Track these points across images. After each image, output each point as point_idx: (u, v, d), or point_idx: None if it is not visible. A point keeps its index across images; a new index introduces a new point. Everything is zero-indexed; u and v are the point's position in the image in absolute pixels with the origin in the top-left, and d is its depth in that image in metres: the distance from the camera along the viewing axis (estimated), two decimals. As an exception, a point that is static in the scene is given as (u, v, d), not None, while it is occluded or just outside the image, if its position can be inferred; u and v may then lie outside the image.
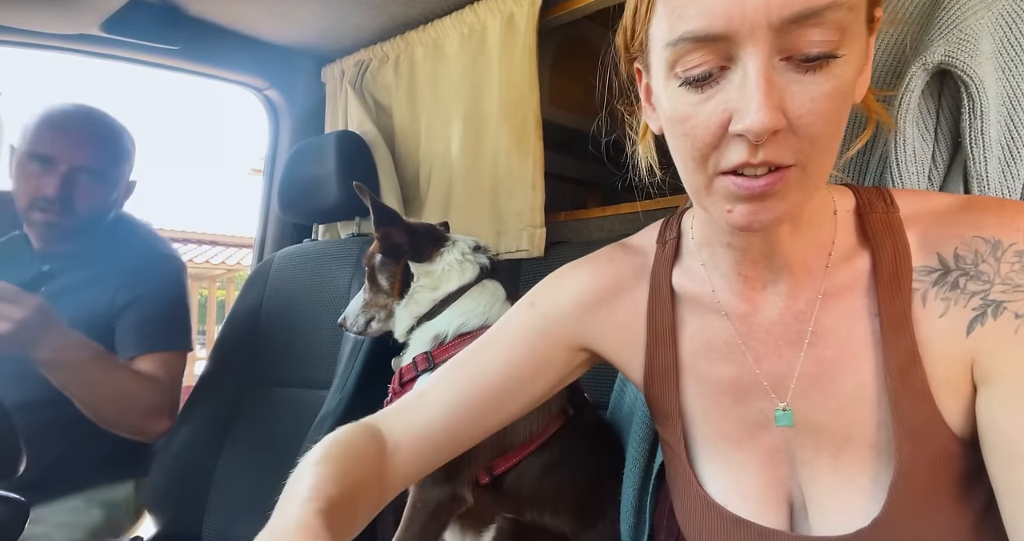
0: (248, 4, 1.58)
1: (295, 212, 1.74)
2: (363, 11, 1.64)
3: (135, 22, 1.50)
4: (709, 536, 0.60)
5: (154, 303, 1.32)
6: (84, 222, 1.30)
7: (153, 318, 1.30)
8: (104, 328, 1.29)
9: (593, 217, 1.57)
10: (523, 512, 0.97)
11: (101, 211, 1.34)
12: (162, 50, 1.60)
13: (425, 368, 1.03)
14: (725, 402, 0.61)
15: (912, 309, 0.53)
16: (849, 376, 0.55)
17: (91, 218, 1.31)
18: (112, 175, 1.32)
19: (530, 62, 1.50)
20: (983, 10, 0.71)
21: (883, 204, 0.57)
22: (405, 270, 1.09)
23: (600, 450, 1.00)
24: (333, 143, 1.63)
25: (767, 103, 0.43)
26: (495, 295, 1.08)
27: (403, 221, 1.09)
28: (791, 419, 0.57)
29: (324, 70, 1.98)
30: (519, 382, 0.67)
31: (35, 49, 1.49)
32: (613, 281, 0.68)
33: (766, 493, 0.58)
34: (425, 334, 1.06)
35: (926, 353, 0.52)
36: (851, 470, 0.54)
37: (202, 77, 1.78)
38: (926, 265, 0.53)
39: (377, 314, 1.14)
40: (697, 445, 0.63)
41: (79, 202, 1.26)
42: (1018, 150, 0.71)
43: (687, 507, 0.63)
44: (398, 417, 0.66)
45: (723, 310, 0.61)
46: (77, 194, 1.26)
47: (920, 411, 0.51)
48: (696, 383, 0.63)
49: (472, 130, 1.62)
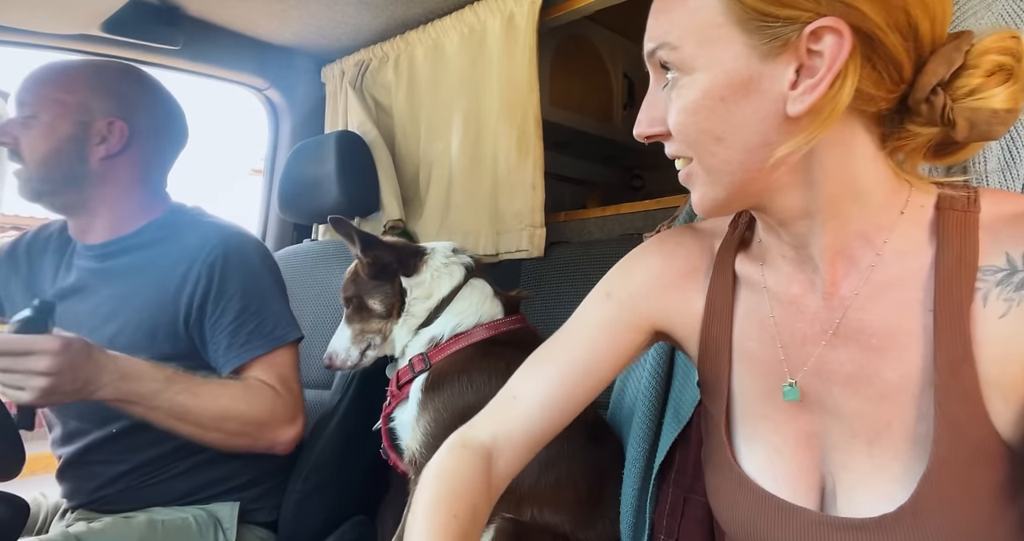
0: (248, 4, 1.58)
1: (295, 212, 1.75)
2: (363, 11, 1.64)
3: (135, 22, 1.50)
4: (738, 509, 0.62)
5: (237, 301, 1.10)
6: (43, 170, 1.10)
7: (242, 320, 1.10)
8: (176, 337, 1.10)
9: (593, 217, 1.58)
10: (523, 510, 0.97)
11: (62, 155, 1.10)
12: (162, 50, 1.59)
13: (422, 369, 1.04)
14: (767, 384, 0.63)
15: (972, 308, 0.53)
16: (894, 366, 0.55)
17: (49, 164, 1.10)
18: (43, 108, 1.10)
19: (530, 62, 1.50)
20: (983, 10, 0.72)
21: (964, 203, 0.57)
22: (400, 288, 1.09)
23: (599, 444, 1.00)
24: (333, 143, 1.63)
25: (641, 117, 0.59)
26: (484, 292, 1.10)
27: (384, 241, 1.10)
28: (797, 394, 0.59)
29: (324, 70, 1.98)
30: (602, 370, 0.72)
31: (35, 49, 1.49)
32: (682, 262, 0.72)
33: (798, 476, 0.60)
34: (421, 339, 1.07)
35: (980, 352, 0.52)
36: (886, 458, 0.55)
37: (202, 77, 1.78)
38: (992, 265, 0.54)
39: (372, 340, 1.13)
40: (736, 422, 0.66)
41: (23, 146, 1.10)
42: (1018, 150, 0.71)
43: (718, 479, 0.66)
44: (496, 423, 0.70)
45: (770, 294, 0.64)
46: (20, 136, 1.09)
47: (966, 409, 0.51)
48: (743, 363, 0.66)
49: (472, 130, 1.62)
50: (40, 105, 1.10)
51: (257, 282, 1.13)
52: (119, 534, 1.03)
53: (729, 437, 0.65)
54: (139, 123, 1.15)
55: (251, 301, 1.11)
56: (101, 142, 1.12)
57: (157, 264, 1.12)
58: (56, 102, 1.10)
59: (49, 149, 1.09)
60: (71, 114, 1.10)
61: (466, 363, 1.02)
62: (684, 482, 0.93)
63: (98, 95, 1.13)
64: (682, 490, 0.92)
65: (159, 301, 1.10)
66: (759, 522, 0.60)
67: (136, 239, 1.16)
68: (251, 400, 1.05)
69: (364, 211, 1.72)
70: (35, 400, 0.88)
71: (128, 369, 0.97)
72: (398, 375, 1.08)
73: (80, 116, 1.11)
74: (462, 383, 1.00)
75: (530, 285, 1.43)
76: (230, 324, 1.09)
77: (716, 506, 0.67)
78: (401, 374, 1.07)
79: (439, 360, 1.03)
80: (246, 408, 1.04)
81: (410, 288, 1.09)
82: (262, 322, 1.11)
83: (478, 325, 1.05)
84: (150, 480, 1.13)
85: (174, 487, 1.13)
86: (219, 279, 1.10)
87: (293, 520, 1.23)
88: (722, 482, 0.65)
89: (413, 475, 1.00)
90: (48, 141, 1.09)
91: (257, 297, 1.12)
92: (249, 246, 1.17)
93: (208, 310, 1.09)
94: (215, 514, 1.14)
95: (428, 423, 0.98)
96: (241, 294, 1.10)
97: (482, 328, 1.05)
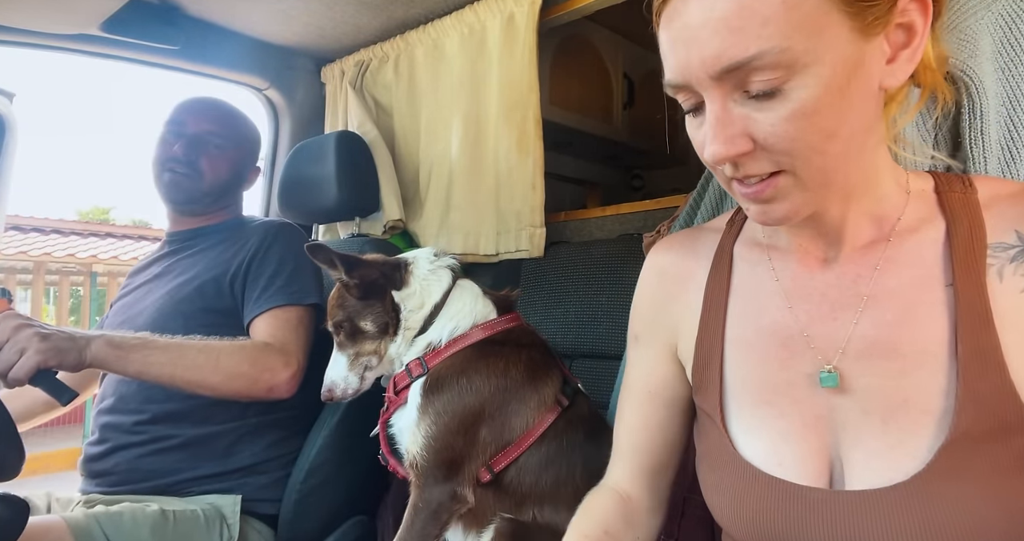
0: (248, 4, 1.58)
1: (295, 212, 1.75)
2: (363, 11, 1.64)
3: (135, 22, 1.50)
4: (745, 502, 0.61)
5: (275, 263, 1.30)
6: (208, 186, 1.38)
7: (274, 276, 1.28)
8: (221, 293, 1.28)
9: (593, 217, 1.58)
10: (523, 509, 0.97)
11: (225, 183, 1.41)
12: (162, 50, 1.60)
13: (420, 373, 1.03)
14: (770, 368, 0.63)
15: (988, 282, 0.55)
16: (913, 341, 0.56)
17: (214, 185, 1.38)
18: (233, 149, 1.42)
19: (530, 62, 1.50)
20: (983, 10, 0.72)
21: (961, 185, 0.60)
22: (392, 304, 1.07)
23: (598, 443, 1.00)
24: (333, 143, 1.63)
25: (717, 138, 0.53)
26: (473, 292, 1.09)
27: (364, 259, 1.07)
28: (836, 380, 0.59)
29: (324, 70, 1.98)
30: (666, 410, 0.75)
31: (36, 49, 1.49)
32: (676, 270, 0.74)
33: (806, 459, 0.59)
34: (417, 346, 1.06)
35: (1002, 325, 0.53)
36: (902, 434, 0.55)
37: (202, 77, 1.78)
38: (1002, 241, 0.56)
39: (369, 362, 1.09)
40: (733, 413, 0.65)
41: (203, 164, 1.37)
42: (1018, 150, 0.71)
43: (720, 475, 0.65)
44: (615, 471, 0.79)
45: (777, 276, 0.65)
46: (202, 156, 1.37)
47: (991, 380, 0.52)
48: (740, 350, 0.66)
49: (472, 130, 1.62)
50: (231, 140, 1.42)
51: (295, 253, 1.30)
52: (134, 519, 1.08)
53: (726, 428, 0.65)
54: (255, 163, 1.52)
55: (286, 264, 1.30)
56: (248, 182, 1.50)
57: (222, 240, 1.37)
58: (244, 149, 1.45)
59: (227, 177, 1.41)
60: (247, 161, 1.47)
61: (464, 365, 1.01)
62: (683, 482, 0.93)
63: (257, 150, 1.52)
64: (681, 490, 0.92)
65: (216, 262, 1.32)
66: (769, 511, 0.59)
67: (215, 228, 1.42)
68: (240, 346, 1.17)
69: (364, 211, 1.72)
70: (27, 371, 0.98)
71: (111, 334, 1.10)
72: (395, 380, 1.07)
73: (250, 163, 1.48)
74: (461, 385, 0.99)
75: (530, 285, 1.44)
76: (265, 278, 1.28)
77: (719, 504, 0.65)
78: (398, 379, 1.06)
79: (437, 363, 1.03)
80: (233, 352, 1.15)
81: (402, 301, 1.07)
82: (289, 282, 1.28)
83: (474, 326, 1.05)
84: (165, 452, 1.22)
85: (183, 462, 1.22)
86: (266, 246, 1.32)
87: (293, 520, 1.23)
88: (725, 477, 0.64)
89: (414, 478, 0.99)
90: (229, 171, 1.42)
91: (291, 262, 1.31)
92: (295, 230, 1.41)
93: (252, 268, 1.29)
94: (219, 508, 1.19)
95: (429, 426, 0.98)
96: (279, 258, 1.31)
97: (478, 329, 1.04)
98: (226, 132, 1.42)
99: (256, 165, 1.51)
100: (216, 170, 1.39)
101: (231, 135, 1.43)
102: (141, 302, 1.34)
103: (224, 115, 1.44)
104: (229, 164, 1.41)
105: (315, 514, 1.25)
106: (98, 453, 1.23)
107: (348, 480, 1.31)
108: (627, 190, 2.59)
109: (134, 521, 1.07)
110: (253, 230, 1.37)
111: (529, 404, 0.99)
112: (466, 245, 1.62)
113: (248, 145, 1.48)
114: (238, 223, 1.44)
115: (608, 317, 1.27)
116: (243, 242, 1.34)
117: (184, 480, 1.20)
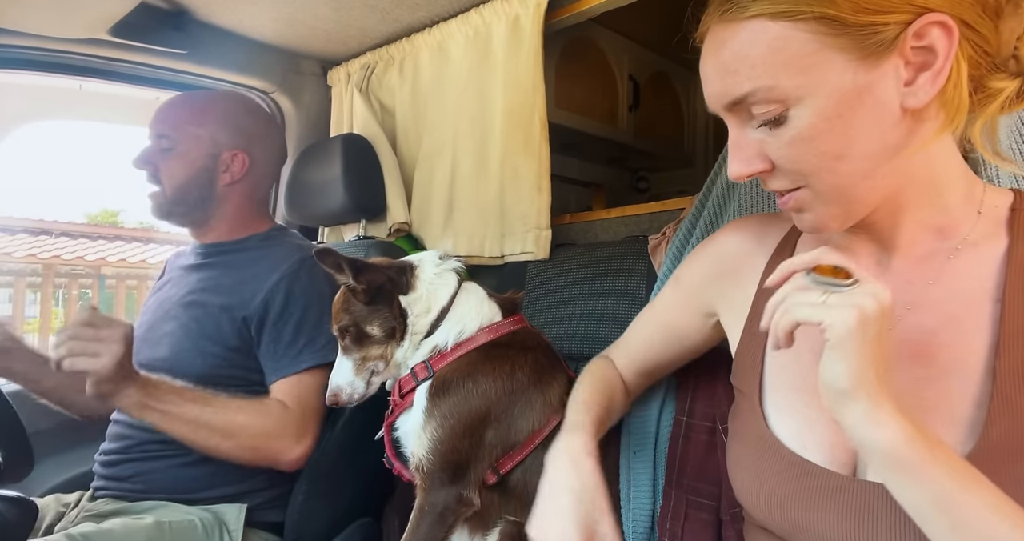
0: (255, 8, 1.58)
1: (300, 215, 1.75)
2: (369, 14, 1.64)
3: (143, 26, 1.51)
4: (765, 477, 0.63)
5: (300, 312, 1.22)
6: (172, 195, 1.28)
7: (299, 330, 1.21)
8: (239, 332, 1.21)
9: (599, 219, 1.57)
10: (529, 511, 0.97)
11: (185, 185, 1.28)
12: (169, 54, 1.60)
13: (425, 377, 1.02)
14: (804, 359, 0.64)
15: None
16: (951, 349, 0.57)
17: (176, 191, 1.28)
18: (186, 146, 1.28)
19: (535, 64, 1.50)
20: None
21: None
22: (400, 308, 1.06)
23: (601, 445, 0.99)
24: (339, 146, 1.64)
25: (734, 159, 0.61)
26: (479, 295, 1.09)
27: (371, 263, 1.06)
28: None
29: (330, 73, 1.98)
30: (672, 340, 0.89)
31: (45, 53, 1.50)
32: (752, 247, 0.78)
33: (831, 446, 0.61)
34: (423, 349, 1.06)
35: None
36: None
37: (209, 81, 1.78)
38: None
39: (375, 367, 1.08)
40: (768, 393, 0.68)
41: (162, 172, 1.28)
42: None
43: (743, 448, 0.68)
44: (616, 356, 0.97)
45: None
46: (159, 165, 1.28)
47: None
48: None
49: (477, 132, 1.62)
50: (178, 137, 1.28)
51: (320, 294, 1.23)
52: (127, 534, 1.04)
53: (761, 405, 0.68)
54: (255, 153, 1.35)
55: (310, 312, 1.22)
56: (226, 171, 1.32)
57: (246, 266, 1.28)
58: (191, 135, 1.29)
59: (185, 177, 1.28)
60: (203, 147, 1.30)
61: (470, 367, 1.01)
62: (686, 484, 0.93)
63: (225, 128, 1.32)
64: (684, 492, 0.92)
65: (237, 295, 1.23)
66: (787, 488, 0.61)
67: (238, 245, 1.34)
68: (260, 413, 1.14)
69: (369, 214, 1.73)
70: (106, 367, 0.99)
71: (148, 378, 1.08)
72: (400, 384, 1.07)
73: (211, 149, 1.30)
74: (467, 388, 0.99)
75: (535, 287, 1.43)
76: (290, 331, 1.21)
77: (741, 478, 0.68)
78: (403, 383, 1.06)
79: (442, 367, 1.02)
80: (251, 420, 1.12)
81: (409, 306, 1.06)
82: (316, 336, 1.21)
83: (479, 329, 1.04)
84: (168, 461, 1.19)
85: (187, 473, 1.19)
86: (290, 289, 1.23)
87: (299, 523, 1.23)
88: (750, 451, 0.66)
89: (420, 481, 0.99)
90: (184, 170, 1.28)
91: (316, 307, 1.22)
92: (315, 264, 1.23)
93: (272, 312, 1.21)
94: (221, 516, 1.15)
95: (435, 429, 0.98)
96: (304, 305, 1.22)
97: (484, 332, 1.04)
98: (174, 132, 1.29)
99: (234, 150, 1.32)
100: (172, 176, 1.28)
101: (181, 132, 1.29)
102: (161, 325, 1.27)
103: (175, 111, 1.31)
104: (183, 163, 1.28)
105: (320, 516, 1.25)
106: (112, 460, 1.22)
107: (353, 483, 1.31)
108: (632, 192, 2.59)
109: (127, 535, 1.04)
110: (275, 263, 1.26)
111: (535, 406, 0.99)
112: (471, 247, 1.62)
113: (208, 136, 1.30)
114: (259, 246, 1.33)
115: (613, 319, 1.26)
116: (265, 275, 1.24)
117: (196, 487, 1.18)
